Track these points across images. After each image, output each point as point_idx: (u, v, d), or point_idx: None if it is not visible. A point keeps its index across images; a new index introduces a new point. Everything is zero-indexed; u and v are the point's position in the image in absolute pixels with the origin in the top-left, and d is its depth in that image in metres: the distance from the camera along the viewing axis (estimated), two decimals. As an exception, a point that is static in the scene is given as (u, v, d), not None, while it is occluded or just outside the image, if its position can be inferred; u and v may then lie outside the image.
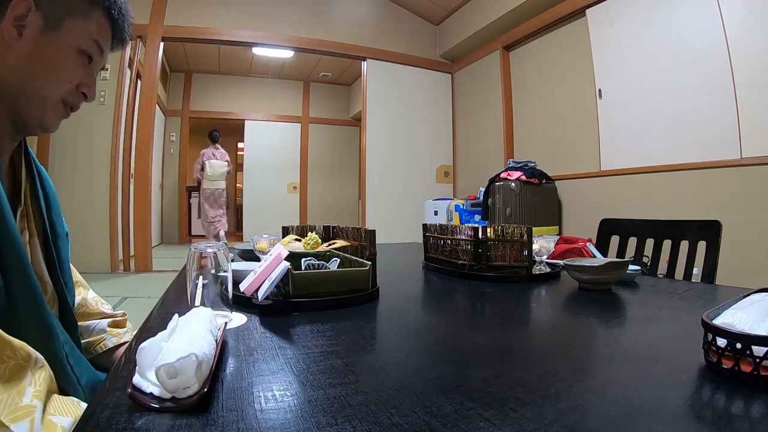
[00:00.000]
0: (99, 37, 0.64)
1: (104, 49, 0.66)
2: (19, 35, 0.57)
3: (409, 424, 0.35)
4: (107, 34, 0.66)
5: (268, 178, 7.33)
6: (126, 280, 3.78)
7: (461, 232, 1.16)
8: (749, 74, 2.43)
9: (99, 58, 0.66)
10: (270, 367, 0.48)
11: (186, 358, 0.38)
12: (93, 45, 0.64)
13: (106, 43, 0.66)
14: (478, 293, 0.94)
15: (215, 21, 4.43)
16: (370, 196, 4.92)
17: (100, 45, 0.65)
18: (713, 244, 1.24)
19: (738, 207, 2.50)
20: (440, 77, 5.37)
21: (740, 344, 0.42)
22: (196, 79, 7.19)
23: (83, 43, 0.62)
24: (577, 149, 3.65)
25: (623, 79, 3.20)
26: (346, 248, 1.00)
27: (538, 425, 0.35)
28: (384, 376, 0.46)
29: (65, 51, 0.61)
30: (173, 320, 0.47)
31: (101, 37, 0.65)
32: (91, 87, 0.66)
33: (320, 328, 0.64)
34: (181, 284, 0.80)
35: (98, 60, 0.66)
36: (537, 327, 0.74)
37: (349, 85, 7.80)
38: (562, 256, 1.37)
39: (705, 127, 2.66)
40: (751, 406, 0.39)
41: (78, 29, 0.61)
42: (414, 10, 5.24)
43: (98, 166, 3.89)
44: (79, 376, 0.58)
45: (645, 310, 0.78)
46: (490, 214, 3.66)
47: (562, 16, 3.70)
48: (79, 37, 0.62)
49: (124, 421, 0.35)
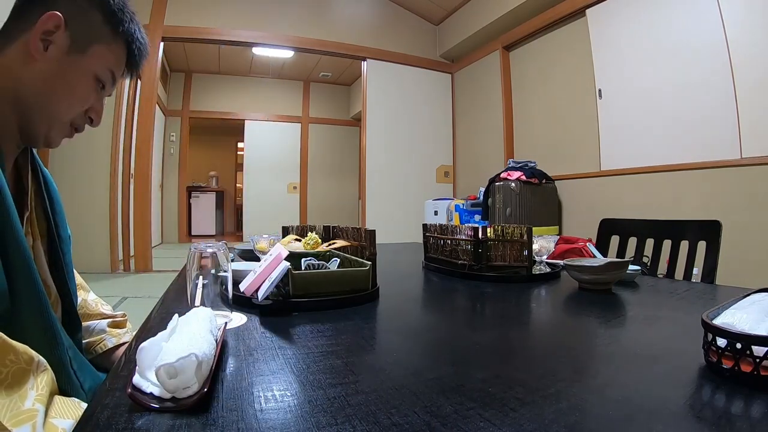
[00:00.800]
0: (115, 68, 0.66)
1: (117, 79, 0.68)
2: (45, 50, 0.57)
3: (409, 424, 0.35)
4: (122, 65, 0.67)
5: (268, 178, 7.33)
6: (126, 280, 3.78)
7: (461, 232, 1.16)
8: (749, 74, 2.43)
9: (110, 88, 0.67)
10: (270, 367, 0.48)
11: (186, 358, 0.38)
12: (109, 74, 0.65)
13: (119, 74, 0.68)
14: (478, 293, 0.94)
15: (215, 21, 4.43)
16: (370, 196, 4.92)
17: (115, 75, 0.66)
18: (713, 244, 1.24)
19: (738, 207, 2.50)
20: (440, 77, 5.37)
21: (740, 344, 0.42)
22: (196, 79, 7.19)
23: (101, 71, 0.63)
24: (577, 149, 3.65)
25: (623, 79, 3.20)
26: (346, 248, 1.00)
27: (538, 425, 0.35)
28: (384, 376, 0.46)
29: (85, 75, 0.62)
30: (173, 320, 0.47)
31: (117, 68, 0.66)
32: (99, 113, 0.68)
33: (320, 328, 0.64)
34: (181, 284, 0.80)
35: (109, 89, 0.67)
36: (537, 327, 0.74)
37: (349, 85, 7.80)
38: (562, 256, 1.37)
39: (705, 127, 2.66)
40: (751, 406, 0.39)
41: (101, 57, 0.63)
42: (414, 10, 5.24)
43: (98, 166, 3.89)
44: (83, 381, 0.58)
45: (645, 310, 0.78)
46: (490, 214, 3.66)
47: (562, 16, 3.70)
48: (99, 65, 0.63)
49: (124, 421, 0.35)
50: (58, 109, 0.61)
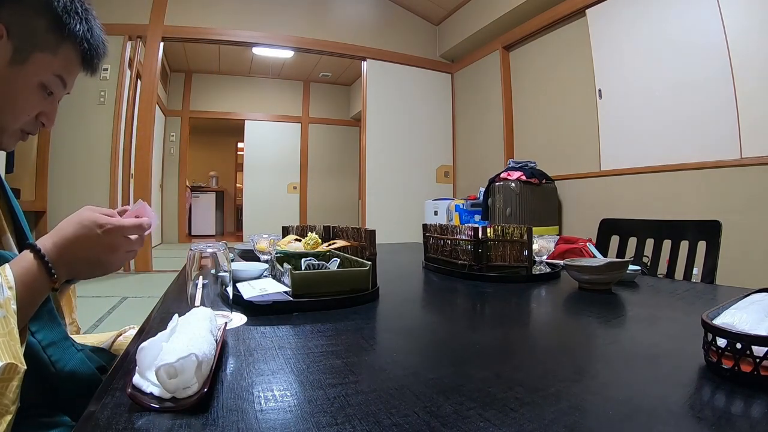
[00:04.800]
0: (63, 72, 0.63)
1: (68, 82, 0.65)
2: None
3: (409, 424, 0.35)
4: (74, 67, 0.65)
5: (268, 178, 7.33)
6: (126, 280, 3.78)
7: (461, 232, 1.16)
8: (749, 74, 2.43)
9: (61, 91, 0.65)
10: (270, 367, 0.48)
11: (186, 358, 0.38)
12: (56, 80, 0.63)
13: (71, 76, 0.65)
14: (478, 293, 0.94)
15: (215, 21, 4.43)
16: (370, 196, 4.92)
17: (64, 80, 0.64)
18: (713, 244, 1.24)
19: (738, 207, 2.50)
20: (440, 77, 5.37)
21: (740, 344, 0.42)
22: (196, 79, 7.19)
23: (46, 78, 0.61)
24: (577, 149, 3.65)
25: (623, 79, 3.20)
26: (346, 248, 1.00)
27: (538, 425, 0.35)
28: (384, 376, 0.46)
29: (27, 86, 0.60)
30: (173, 320, 0.47)
31: (66, 72, 0.64)
32: (51, 116, 0.66)
33: (320, 328, 0.64)
34: (181, 284, 0.80)
35: (60, 92, 0.65)
36: (537, 327, 0.74)
37: (349, 85, 7.80)
38: (562, 256, 1.37)
39: (705, 127, 2.66)
40: (751, 406, 0.39)
41: (43, 64, 0.60)
42: (414, 10, 5.24)
43: (98, 166, 3.89)
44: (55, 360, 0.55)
45: (645, 310, 0.78)
46: (490, 214, 3.66)
47: (562, 16, 3.70)
48: (43, 72, 0.61)
49: (124, 421, 0.35)
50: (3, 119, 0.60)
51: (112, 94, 3.93)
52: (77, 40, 0.62)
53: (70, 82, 0.66)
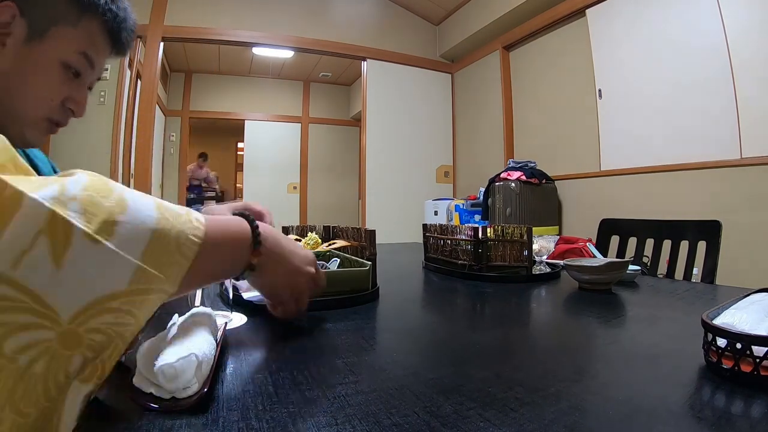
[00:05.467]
0: (89, 49, 0.57)
1: (95, 61, 0.59)
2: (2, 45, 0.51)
3: (409, 424, 0.35)
4: (101, 44, 0.59)
5: (268, 178, 7.32)
6: (126, 280, 3.77)
7: (461, 232, 1.16)
8: (749, 74, 2.43)
9: (89, 72, 0.59)
10: (270, 367, 0.48)
11: (186, 358, 0.38)
12: (80, 58, 0.57)
13: (98, 55, 0.59)
14: (478, 293, 0.94)
15: (215, 21, 4.43)
16: (370, 196, 4.92)
17: (90, 57, 0.58)
18: (713, 244, 1.24)
19: (738, 207, 2.50)
20: (440, 77, 5.37)
21: (740, 344, 0.42)
22: (196, 79, 7.19)
23: (68, 56, 0.56)
24: (577, 149, 3.65)
25: (623, 79, 3.20)
26: (346, 248, 1.00)
27: (538, 425, 0.35)
28: (384, 376, 0.46)
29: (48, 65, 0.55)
30: (173, 320, 0.47)
31: (92, 49, 0.58)
32: (80, 102, 0.60)
33: (320, 327, 0.64)
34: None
35: (88, 73, 0.59)
36: (537, 327, 0.74)
37: (349, 85, 7.80)
38: (562, 256, 1.37)
39: (705, 127, 2.66)
40: (751, 406, 0.39)
41: (64, 40, 0.54)
42: (414, 10, 5.24)
43: (98, 166, 3.88)
44: None
45: (645, 310, 0.78)
46: (490, 214, 3.66)
47: (562, 16, 3.70)
48: (64, 49, 0.55)
49: (124, 421, 0.35)
50: (22, 106, 0.55)
51: (112, 94, 3.93)
52: (99, 9, 0.56)
53: (99, 62, 0.60)
